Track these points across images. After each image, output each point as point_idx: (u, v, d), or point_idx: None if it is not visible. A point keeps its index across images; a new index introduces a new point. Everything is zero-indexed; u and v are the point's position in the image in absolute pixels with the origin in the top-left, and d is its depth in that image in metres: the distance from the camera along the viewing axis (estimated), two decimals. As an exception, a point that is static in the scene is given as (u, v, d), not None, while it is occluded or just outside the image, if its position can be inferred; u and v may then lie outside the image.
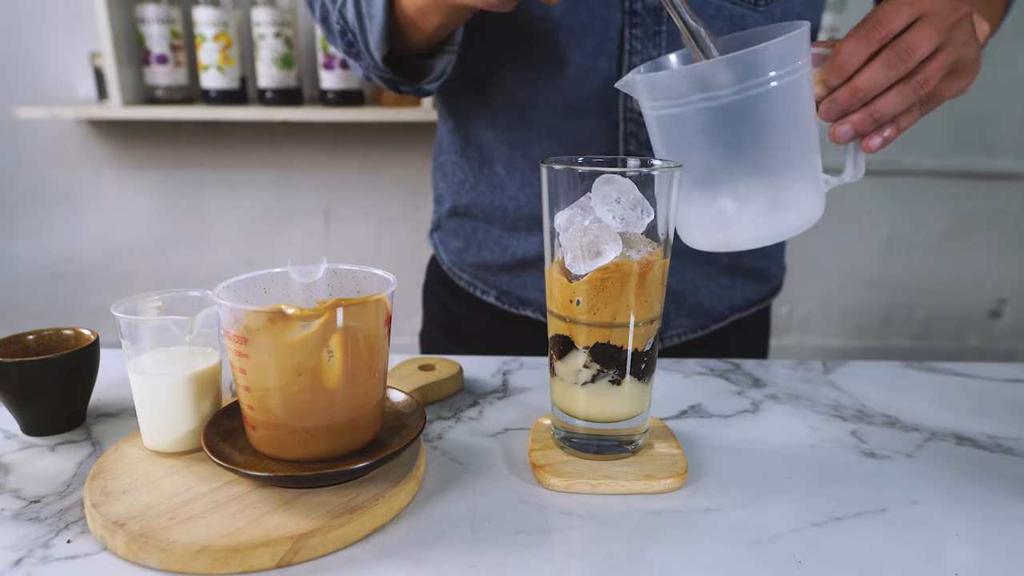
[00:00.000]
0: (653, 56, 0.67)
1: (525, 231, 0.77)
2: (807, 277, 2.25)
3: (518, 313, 0.80)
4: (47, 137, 1.95)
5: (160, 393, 0.47)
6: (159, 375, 0.47)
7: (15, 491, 0.46)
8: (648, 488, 0.47)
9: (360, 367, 0.44)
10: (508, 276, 0.79)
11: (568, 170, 0.46)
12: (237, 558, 0.38)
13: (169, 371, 0.47)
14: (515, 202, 0.76)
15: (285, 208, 2.05)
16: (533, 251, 0.76)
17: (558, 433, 0.52)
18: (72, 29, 1.85)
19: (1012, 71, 2.07)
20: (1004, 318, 2.33)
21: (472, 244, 0.81)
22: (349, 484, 0.44)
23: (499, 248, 0.78)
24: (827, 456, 0.53)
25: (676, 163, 0.47)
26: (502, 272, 0.79)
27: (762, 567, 0.40)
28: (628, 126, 0.70)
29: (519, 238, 0.77)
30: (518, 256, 0.77)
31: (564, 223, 0.46)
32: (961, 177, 2.17)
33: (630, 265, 0.45)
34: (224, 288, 0.45)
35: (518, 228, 0.77)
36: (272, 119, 1.70)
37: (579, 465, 0.49)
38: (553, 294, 0.49)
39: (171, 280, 2.09)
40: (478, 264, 0.81)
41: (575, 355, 0.48)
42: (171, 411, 0.47)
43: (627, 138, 0.70)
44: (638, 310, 0.47)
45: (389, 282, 0.46)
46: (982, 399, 0.64)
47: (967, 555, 0.42)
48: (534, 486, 0.48)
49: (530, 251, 0.76)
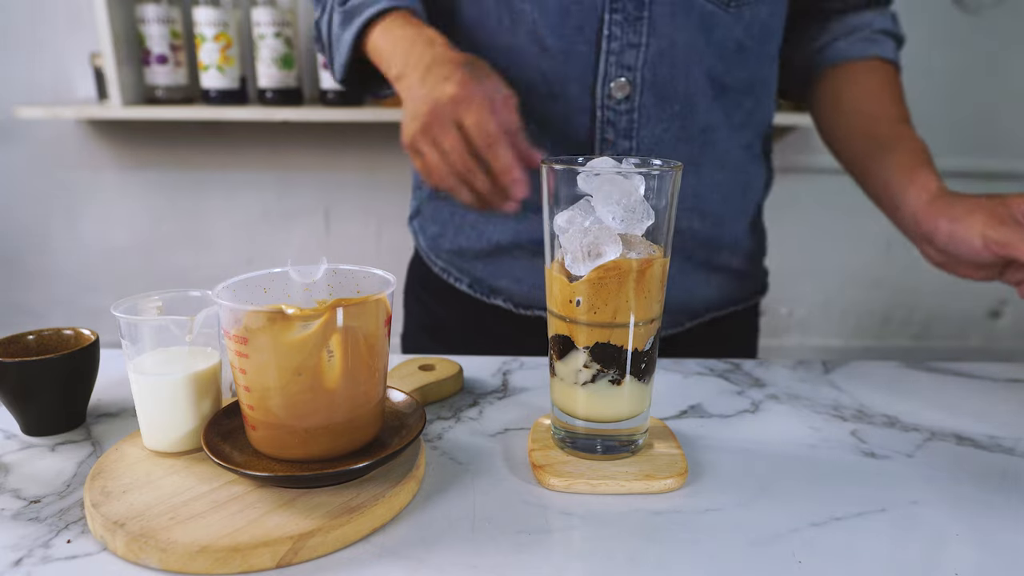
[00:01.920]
0: (633, 43, 0.67)
1: (500, 215, 0.77)
2: (807, 277, 2.25)
3: (489, 302, 0.80)
4: (47, 137, 1.95)
5: (160, 393, 0.47)
6: (159, 375, 0.47)
7: (15, 491, 0.46)
8: (648, 488, 0.47)
9: (360, 367, 0.44)
10: (482, 263, 0.79)
11: (568, 170, 0.46)
12: (237, 558, 0.38)
13: (169, 371, 0.47)
14: None
15: (285, 208, 2.04)
16: (508, 237, 0.76)
17: (558, 433, 0.52)
18: (72, 29, 1.85)
19: (1012, 71, 2.07)
20: (1004, 318, 2.33)
21: (449, 229, 0.81)
22: (349, 484, 0.44)
23: (475, 233, 0.79)
24: (827, 456, 0.53)
25: (676, 164, 0.47)
26: (476, 259, 0.79)
27: (762, 567, 0.40)
28: (605, 113, 0.70)
29: (495, 223, 0.77)
30: (493, 242, 0.77)
31: (564, 224, 0.46)
32: (961, 177, 2.16)
33: (629, 263, 0.45)
34: (224, 288, 0.45)
35: (493, 214, 0.77)
36: (272, 119, 1.70)
37: (579, 465, 0.49)
38: (553, 294, 0.49)
39: (171, 280, 2.09)
40: (453, 250, 0.81)
41: (575, 355, 0.48)
42: (171, 411, 0.47)
43: (604, 126, 0.70)
44: (638, 309, 0.47)
45: (389, 282, 0.46)
46: (982, 399, 0.64)
47: (967, 555, 0.42)
48: (534, 486, 0.48)
49: (505, 237, 0.77)
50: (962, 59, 2.05)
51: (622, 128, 0.70)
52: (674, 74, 0.69)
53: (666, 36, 0.67)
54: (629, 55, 0.68)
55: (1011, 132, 2.13)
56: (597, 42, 0.67)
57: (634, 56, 0.68)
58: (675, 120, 0.71)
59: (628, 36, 0.67)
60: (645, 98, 0.69)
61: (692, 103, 0.71)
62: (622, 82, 0.68)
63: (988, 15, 2.02)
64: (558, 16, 0.67)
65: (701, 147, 0.73)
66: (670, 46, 0.68)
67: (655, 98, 0.70)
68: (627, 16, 0.66)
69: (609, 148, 0.71)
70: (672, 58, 0.68)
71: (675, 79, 0.69)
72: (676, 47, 0.68)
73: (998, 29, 2.03)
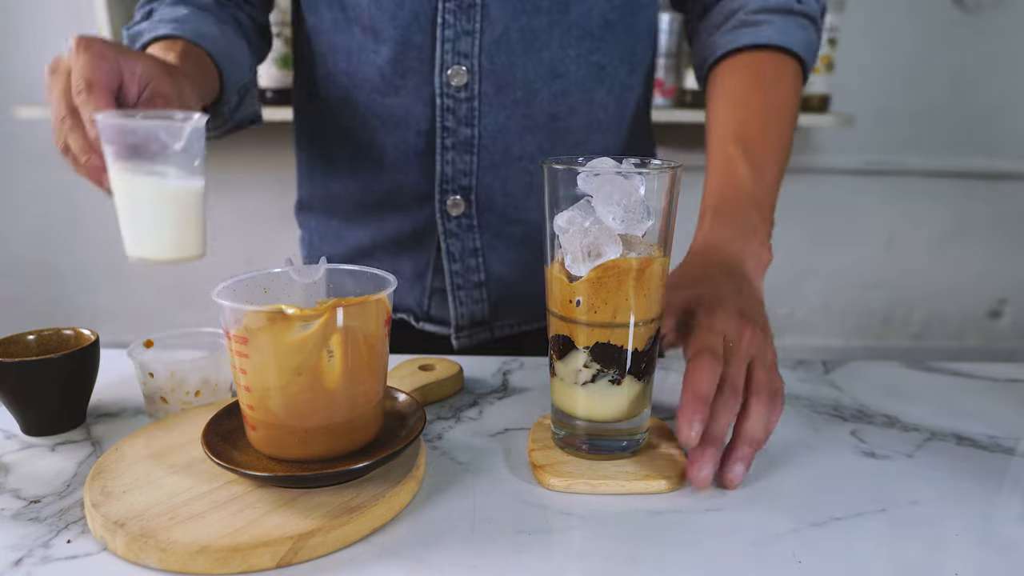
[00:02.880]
0: (467, 30, 0.67)
1: (358, 221, 0.78)
2: (807, 277, 2.25)
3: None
4: (47, 137, 1.94)
5: (145, 193, 0.46)
6: (148, 174, 0.46)
7: (15, 491, 0.46)
8: (648, 488, 0.47)
9: (360, 367, 0.44)
10: None
11: (568, 170, 0.46)
12: (237, 558, 0.38)
13: (161, 174, 0.47)
14: (347, 190, 0.78)
15: (285, 208, 2.04)
16: (367, 238, 0.78)
17: (558, 433, 0.52)
18: (72, 29, 1.84)
19: (1012, 72, 2.07)
20: (1004, 318, 2.33)
21: (316, 236, 0.83)
22: (349, 484, 0.44)
23: (337, 240, 0.80)
24: (827, 456, 0.53)
25: (677, 163, 0.47)
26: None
27: (762, 567, 0.40)
28: (445, 101, 0.70)
29: (353, 225, 0.78)
30: (353, 246, 0.79)
31: (564, 224, 0.46)
32: (961, 177, 2.17)
33: (629, 262, 0.45)
34: (224, 288, 0.45)
35: (351, 219, 0.78)
36: (272, 119, 1.70)
37: (579, 465, 0.49)
38: (553, 294, 0.49)
39: (171, 280, 2.09)
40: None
41: (575, 355, 0.48)
42: (158, 214, 0.47)
43: (444, 113, 0.70)
44: (638, 309, 0.47)
45: (389, 282, 0.46)
46: (982, 399, 0.64)
47: (967, 555, 0.42)
48: (534, 486, 0.48)
49: (364, 239, 0.78)
50: (962, 59, 2.05)
51: (463, 116, 0.70)
52: (512, 60, 0.69)
53: (500, 22, 0.67)
54: (464, 43, 0.68)
55: (1011, 132, 2.13)
56: (432, 31, 0.68)
57: (469, 44, 0.68)
58: (518, 107, 0.71)
59: (461, 23, 0.67)
60: (485, 86, 0.69)
61: (533, 90, 0.70)
62: (460, 70, 0.68)
63: (988, 15, 2.02)
64: (393, 6, 0.67)
65: (550, 136, 0.72)
66: (504, 32, 0.67)
67: (494, 86, 0.69)
68: (460, 3, 0.66)
69: (450, 135, 0.71)
70: (508, 44, 0.68)
71: (514, 66, 0.69)
72: (510, 33, 0.68)
73: (998, 29, 2.03)
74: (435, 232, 0.75)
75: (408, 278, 0.79)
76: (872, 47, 2.00)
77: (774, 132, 0.66)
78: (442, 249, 0.76)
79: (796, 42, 0.68)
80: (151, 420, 0.56)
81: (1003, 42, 2.04)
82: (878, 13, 1.95)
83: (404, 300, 0.80)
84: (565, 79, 0.71)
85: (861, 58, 1.97)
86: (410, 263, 0.78)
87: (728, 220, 0.60)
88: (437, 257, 0.77)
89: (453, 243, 0.75)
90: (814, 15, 0.71)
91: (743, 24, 0.68)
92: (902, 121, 2.10)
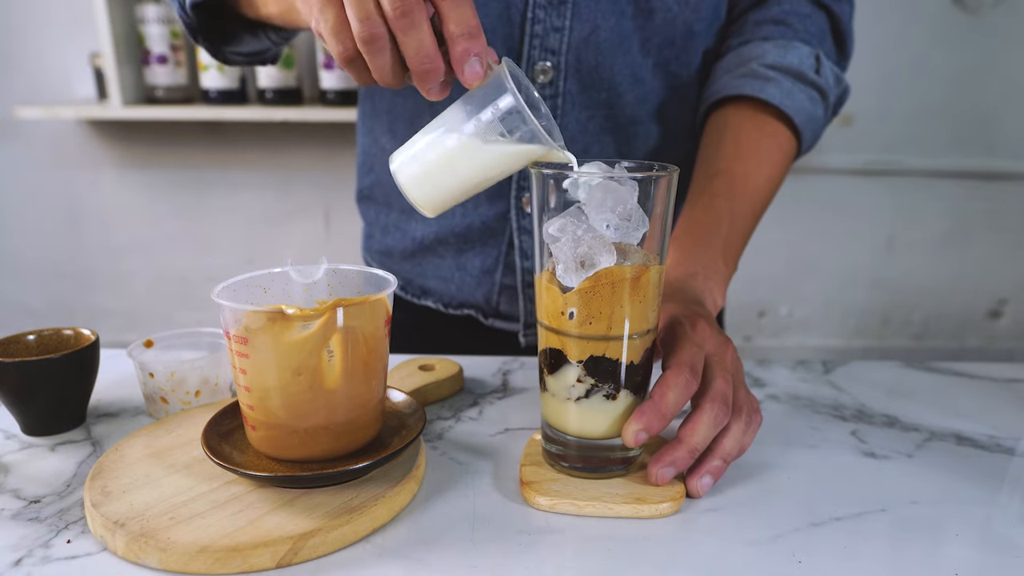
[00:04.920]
0: (557, 27, 0.67)
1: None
2: (807, 277, 2.26)
3: (420, 303, 0.80)
4: (47, 137, 1.95)
5: (485, 155, 0.44)
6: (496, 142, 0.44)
7: (15, 491, 0.46)
8: (637, 513, 0.44)
9: (360, 367, 0.44)
10: (409, 264, 0.80)
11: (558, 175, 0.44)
12: (237, 558, 0.38)
13: None
14: None
15: (285, 208, 2.05)
16: (431, 232, 0.77)
17: (549, 449, 0.49)
18: (72, 29, 1.85)
19: (1012, 72, 2.07)
20: (1004, 318, 2.33)
21: (376, 230, 0.82)
22: (349, 484, 0.44)
23: (399, 233, 0.79)
24: (827, 456, 0.53)
25: (673, 168, 0.45)
26: (404, 260, 0.80)
27: (762, 567, 0.40)
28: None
29: (417, 220, 0.77)
30: (417, 239, 0.78)
31: (556, 232, 0.44)
32: (961, 177, 2.17)
33: (623, 271, 0.43)
34: (224, 288, 0.45)
35: (413, 211, 0.77)
36: (272, 119, 1.70)
37: (568, 484, 0.46)
38: (543, 305, 0.46)
39: (171, 280, 2.09)
40: (382, 251, 0.81)
41: (567, 369, 0.46)
42: (458, 170, 0.45)
43: None
44: (634, 320, 0.44)
45: (389, 282, 0.46)
46: (982, 399, 0.64)
47: (967, 555, 0.42)
48: (534, 486, 0.48)
49: (428, 233, 0.77)
50: (962, 59, 2.06)
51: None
52: (599, 61, 0.68)
53: (589, 21, 0.66)
54: (553, 39, 0.67)
55: (1011, 132, 2.13)
56: (522, 24, 0.67)
57: (558, 40, 0.67)
58: (600, 109, 0.70)
59: (552, 19, 0.66)
60: (570, 84, 0.69)
61: (617, 92, 0.69)
62: (546, 66, 0.68)
63: (988, 15, 2.02)
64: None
65: (629, 140, 0.72)
66: (592, 31, 0.67)
67: (579, 85, 0.69)
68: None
69: None
70: (597, 44, 0.67)
71: (600, 66, 0.68)
72: (600, 32, 0.67)
73: (998, 29, 2.03)
74: (506, 228, 0.74)
75: (475, 275, 0.77)
76: (872, 47, 2.00)
77: (763, 177, 0.66)
78: (515, 246, 0.74)
79: (797, 110, 0.67)
80: (151, 420, 0.56)
81: (1003, 42, 2.04)
82: (878, 13, 1.95)
83: (471, 297, 0.78)
84: (644, 85, 0.70)
85: (861, 58, 1.97)
86: (478, 259, 0.76)
87: (695, 256, 0.60)
88: (508, 253, 0.75)
89: (527, 240, 0.74)
90: (826, 90, 0.70)
91: (752, 75, 0.68)
92: (902, 121, 2.10)
